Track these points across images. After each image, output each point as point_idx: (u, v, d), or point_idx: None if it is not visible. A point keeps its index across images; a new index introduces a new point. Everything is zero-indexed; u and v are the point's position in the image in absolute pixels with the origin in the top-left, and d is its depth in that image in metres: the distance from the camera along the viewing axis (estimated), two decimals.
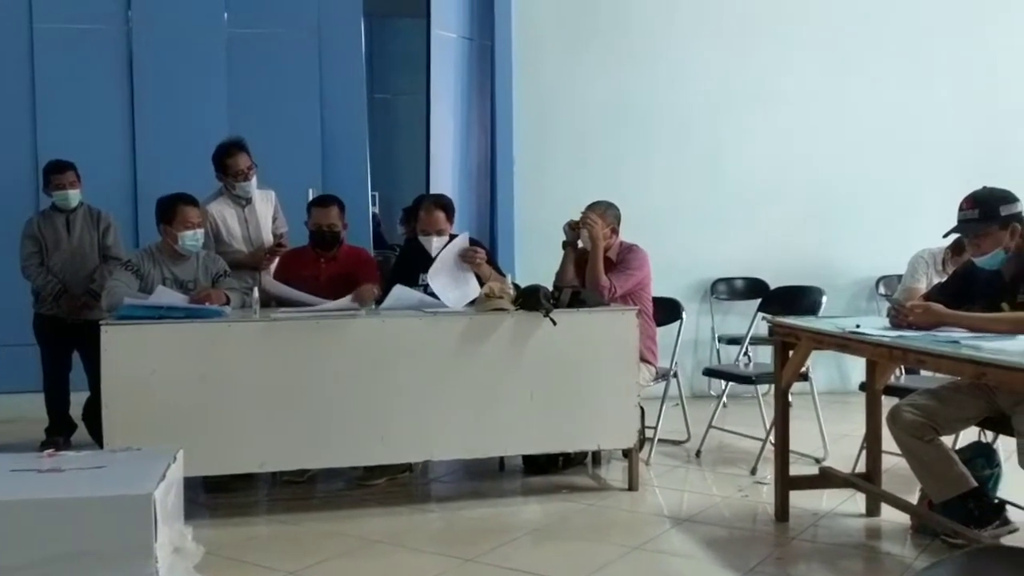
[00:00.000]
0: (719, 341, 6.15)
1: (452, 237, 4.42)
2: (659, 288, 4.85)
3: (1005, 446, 3.43)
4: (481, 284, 4.15)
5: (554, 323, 3.85)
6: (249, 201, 4.69)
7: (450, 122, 5.76)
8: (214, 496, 4.01)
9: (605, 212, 4.56)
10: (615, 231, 4.60)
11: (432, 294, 4.11)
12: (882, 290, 6.15)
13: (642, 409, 4.36)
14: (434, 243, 4.36)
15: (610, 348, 3.98)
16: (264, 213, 4.75)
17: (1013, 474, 3.14)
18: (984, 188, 3.27)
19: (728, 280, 6.25)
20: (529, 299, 3.89)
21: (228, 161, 4.59)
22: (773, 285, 5.63)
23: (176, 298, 3.96)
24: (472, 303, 4.07)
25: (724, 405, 5.55)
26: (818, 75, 6.32)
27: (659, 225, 5.86)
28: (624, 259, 4.54)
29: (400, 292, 4.04)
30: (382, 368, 3.77)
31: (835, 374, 6.07)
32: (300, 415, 3.72)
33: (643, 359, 4.33)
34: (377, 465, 4.07)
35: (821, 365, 5.98)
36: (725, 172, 6.27)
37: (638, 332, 4.05)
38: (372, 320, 3.88)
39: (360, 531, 3.61)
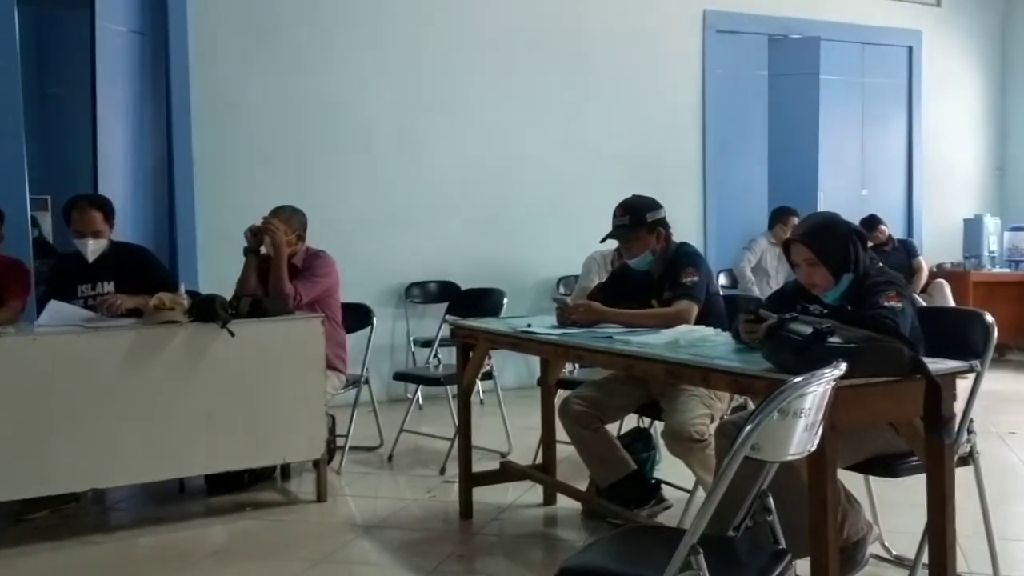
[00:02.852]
0: (414, 344, 6.22)
1: (113, 243, 4.13)
2: (351, 294, 4.82)
3: (662, 430, 3.76)
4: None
5: (232, 334, 3.68)
6: None
7: (120, 121, 5.34)
8: None
9: (289, 217, 4.46)
10: (301, 237, 4.50)
11: (93, 307, 3.78)
12: (562, 290, 6.50)
13: (332, 418, 4.31)
14: (90, 246, 4.03)
15: (294, 358, 3.88)
16: None
17: (669, 455, 3.43)
18: (634, 196, 3.56)
19: (422, 284, 6.33)
20: (203, 309, 3.70)
21: None
22: (464, 287, 5.80)
23: None
24: (140, 315, 3.80)
25: (420, 407, 5.64)
26: (498, 90, 6.56)
27: (349, 230, 5.84)
28: (310, 266, 4.45)
29: (57, 308, 3.69)
30: (35, 390, 3.42)
31: (524, 371, 6.35)
32: None
33: (332, 367, 4.28)
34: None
35: (511, 363, 6.27)
36: (413, 178, 6.33)
37: (324, 340, 3.99)
38: (21, 338, 3.50)
39: (16, 571, 3.27)
